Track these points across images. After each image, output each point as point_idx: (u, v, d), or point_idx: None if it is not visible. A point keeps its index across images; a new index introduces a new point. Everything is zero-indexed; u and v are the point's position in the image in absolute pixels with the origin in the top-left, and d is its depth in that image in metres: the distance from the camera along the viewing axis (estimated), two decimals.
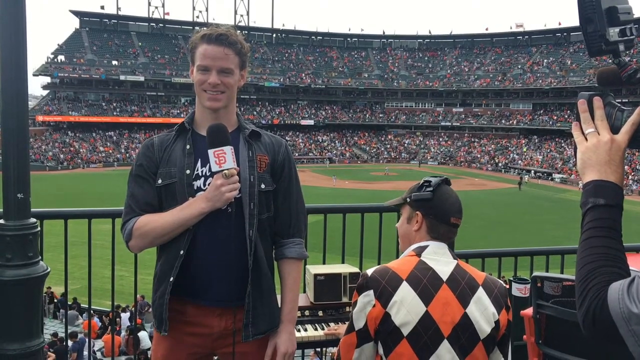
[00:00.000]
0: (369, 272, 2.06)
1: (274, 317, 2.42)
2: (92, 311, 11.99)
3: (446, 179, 2.21)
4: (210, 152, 2.19)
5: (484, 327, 2.01)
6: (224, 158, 2.17)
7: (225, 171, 2.17)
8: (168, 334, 2.32)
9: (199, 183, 2.28)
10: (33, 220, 2.89)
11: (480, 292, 2.05)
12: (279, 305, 2.47)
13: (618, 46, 1.27)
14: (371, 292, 2.00)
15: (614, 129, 1.33)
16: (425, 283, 2.00)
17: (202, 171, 2.29)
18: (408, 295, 1.97)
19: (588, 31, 1.30)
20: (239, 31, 2.35)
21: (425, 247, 2.10)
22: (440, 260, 2.07)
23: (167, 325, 2.29)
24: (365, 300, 2.01)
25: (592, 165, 1.32)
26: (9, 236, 2.79)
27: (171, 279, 2.27)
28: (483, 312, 2.02)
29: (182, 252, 2.26)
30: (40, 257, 2.95)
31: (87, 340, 10.34)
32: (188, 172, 2.28)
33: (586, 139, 1.35)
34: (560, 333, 2.95)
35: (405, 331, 1.95)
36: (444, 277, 2.03)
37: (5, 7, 2.73)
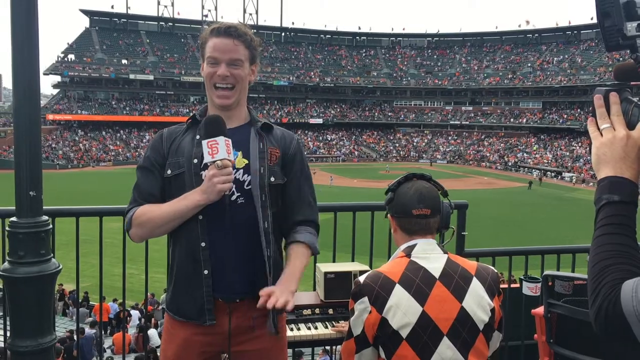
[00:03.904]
0: (362, 278, 2.07)
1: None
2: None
3: (412, 174, 2.24)
4: (204, 142, 2.15)
5: (482, 317, 2.02)
6: (216, 148, 2.13)
7: (218, 162, 2.13)
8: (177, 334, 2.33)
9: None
10: (45, 217, 2.90)
11: (475, 283, 2.06)
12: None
13: (636, 41, 1.26)
14: (366, 299, 2.01)
15: (630, 125, 1.31)
16: (418, 283, 2.00)
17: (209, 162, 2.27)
18: (402, 298, 1.97)
19: (605, 26, 1.28)
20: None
21: (414, 245, 2.10)
22: (430, 257, 2.08)
23: (212, 315, 2.27)
24: (361, 308, 2.02)
25: (607, 161, 1.30)
26: (22, 233, 2.80)
27: (205, 272, 2.26)
28: (479, 302, 2.03)
29: (203, 244, 2.25)
30: (52, 255, 2.96)
31: (94, 337, 10.43)
32: (195, 161, 2.27)
33: (601, 135, 1.34)
34: (572, 332, 2.94)
35: (404, 333, 1.96)
36: (436, 274, 2.03)
37: (17, 6, 2.74)
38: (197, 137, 2.30)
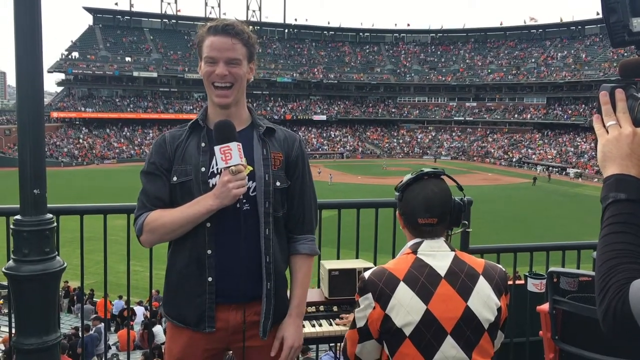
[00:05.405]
0: (366, 274, 2.05)
1: (286, 312, 2.43)
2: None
3: (423, 173, 2.14)
4: (217, 148, 2.16)
5: (488, 316, 2.00)
6: (229, 154, 2.15)
7: (232, 167, 2.15)
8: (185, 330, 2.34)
9: (214, 181, 2.26)
10: (49, 215, 2.91)
11: (482, 281, 2.03)
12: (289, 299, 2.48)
13: None
14: (370, 295, 2.00)
15: (637, 122, 1.30)
16: (423, 281, 1.98)
17: (217, 169, 2.27)
18: (406, 296, 1.96)
19: (611, 21, 1.27)
20: (250, 26, 2.34)
21: (421, 242, 2.08)
22: (437, 254, 2.05)
23: (213, 322, 2.30)
24: (366, 303, 2.02)
25: (613, 158, 1.29)
26: (26, 232, 2.81)
27: (209, 279, 2.27)
28: (486, 302, 2.01)
29: (209, 251, 2.26)
30: (56, 253, 2.97)
31: (99, 335, 10.46)
32: (203, 169, 2.28)
33: (607, 132, 1.33)
34: (577, 329, 2.92)
35: (408, 331, 1.95)
36: (442, 272, 2.01)
37: (20, 4, 2.74)
38: (203, 144, 2.31)
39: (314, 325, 2.94)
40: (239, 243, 2.27)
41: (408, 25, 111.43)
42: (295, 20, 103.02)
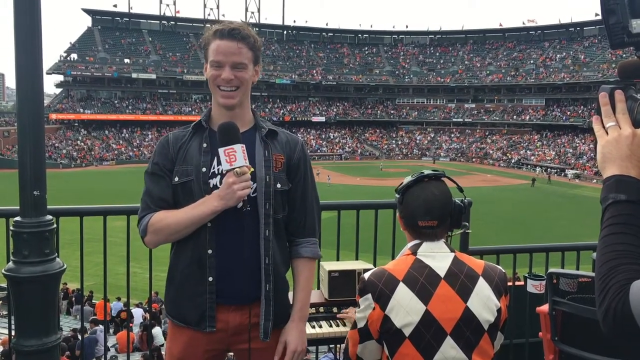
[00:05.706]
0: (366, 275, 2.06)
1: (287, 315, 2.43)
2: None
3: (423, 176, 2.14)
4: (221, 150, 2.19)
5: (487, 317, 2.01)
6: (234, 156, 2.17)
7: (237, 169, 2.17)
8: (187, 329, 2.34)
9: (215, 181, 2.28)
10: (49, 217, 2.91)
11: (481, 282, 2.04)
12: (291, 303, 2.47)
13: None
14: (369, 295, 2.01)
15: (636, 123, 1.30)
16: (422, 282, 1.99)
17: (218, 169, 2.28)
18: (406, 296, 1.97)
19: (610, 23, 1.27)
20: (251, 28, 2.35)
21: (420, 244, 2.08)
22: (437, 255, 2.06)
23: (213, 322, 2.30)
24: (366, 304, 2.03)
25: (613, 159, 1.29)
26: (26, 233, 2.81)
27: (210, 278, 2.28)
28: (486, 303, 2.02)
29: (210, 251, 2.27)
30: (56, 254, 2.97)
31: (96, 337, 10.44)
32: (204, 170, 2.29)
33: (607, 133, 1.33)
34: (577, 329, 2.92)
35: (407, 332, 1.96)
36: (442, 273, 2.02)
37: (19, 6, 2.75)
38: (204, 145, 2.32)
39: (313, 327, 2.94)
40: (239, 244, 2.29)
41: (407, 26, 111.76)
42: (294, 21, 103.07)
